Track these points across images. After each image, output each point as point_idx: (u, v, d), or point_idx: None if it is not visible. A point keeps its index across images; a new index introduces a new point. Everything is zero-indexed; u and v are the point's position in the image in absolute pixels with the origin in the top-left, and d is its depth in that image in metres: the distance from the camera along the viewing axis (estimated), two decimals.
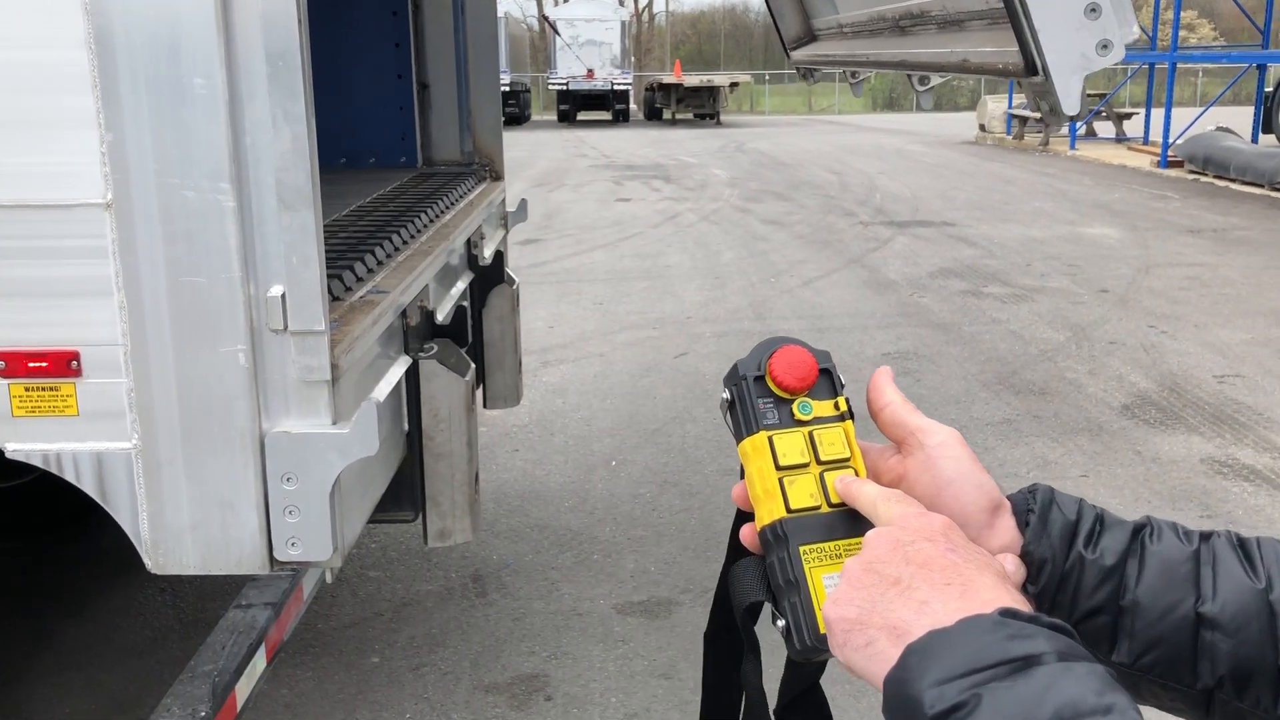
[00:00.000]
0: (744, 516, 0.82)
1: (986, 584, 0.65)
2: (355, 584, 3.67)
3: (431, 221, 3.02)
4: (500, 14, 30.02)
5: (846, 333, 6.85)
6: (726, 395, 0.83)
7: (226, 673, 1.99)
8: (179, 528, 1.75)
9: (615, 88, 31.73)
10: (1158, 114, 17.02)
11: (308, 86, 1.64)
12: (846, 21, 2.80)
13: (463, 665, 3.17)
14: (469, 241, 3.29)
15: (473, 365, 2.53)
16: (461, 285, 3.11)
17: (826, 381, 0.82)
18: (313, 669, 3.16)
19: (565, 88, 31.74)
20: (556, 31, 31.23)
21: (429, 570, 3.73)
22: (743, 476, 0.82)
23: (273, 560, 1.89)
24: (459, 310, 2.61)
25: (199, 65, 1.56)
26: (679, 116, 31.46)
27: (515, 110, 31.45)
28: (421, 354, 2.42)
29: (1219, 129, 15.86)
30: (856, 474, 0.79)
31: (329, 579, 2.06)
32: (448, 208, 3.25)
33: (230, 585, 2.48)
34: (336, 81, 4.01)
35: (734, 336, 6.79)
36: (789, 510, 0.77)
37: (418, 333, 2.43)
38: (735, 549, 0.83)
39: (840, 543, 0.76)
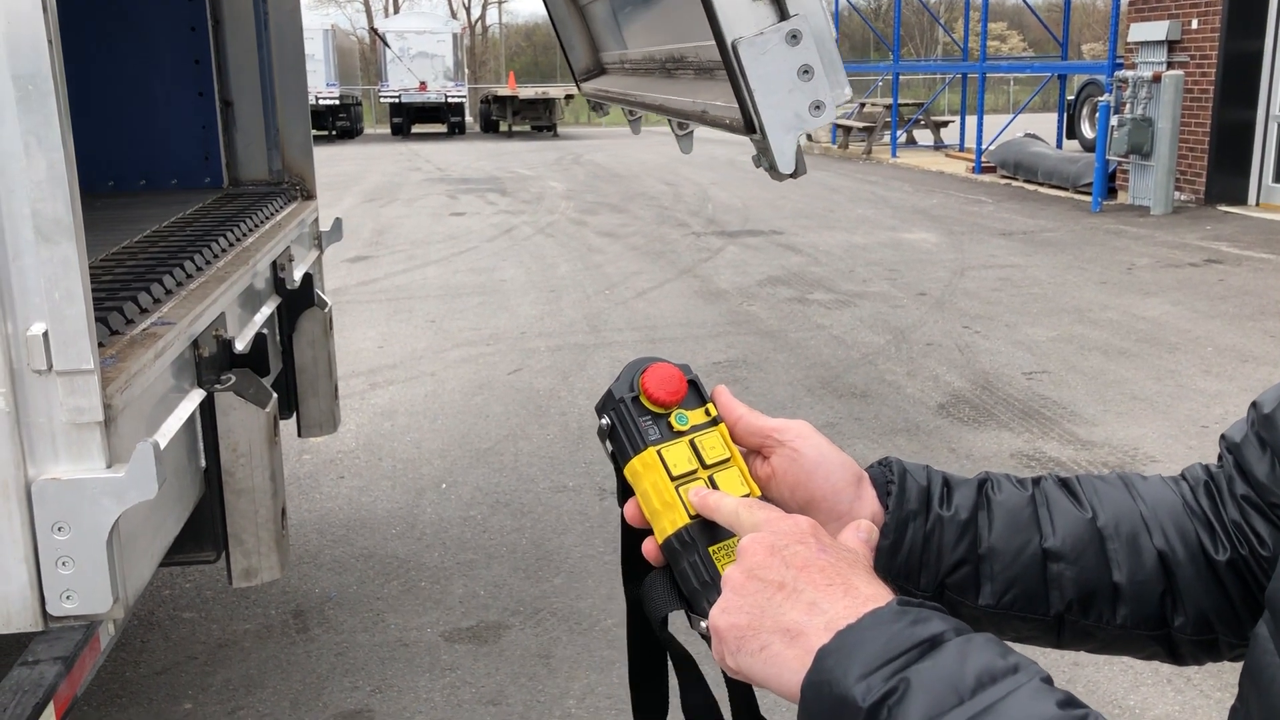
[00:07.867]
0: (633, 537, 0.84)
1: (862, 580, 0.68)
2: (168, 627, 3.50)
3: (232, 245, 2.90)
4: (328, 26, 29.41)
5: (679, 343, 6.92)
6: (606, 421, 0.84)
7: None
8: None
9: (449, 100, 31.36)
10: (972, 121, 17.83)
11: (63, 110, 1.55)
12: (628, 58, 2.80)
13: (282, 706, 3.05)
14: (275, 264, 3.18)
15: (274, 395, 2.43)
16: (267, 311, 3.00)
17: (694, 392, 0.86)
18: None
19: (398, 100, 31.20)
20: (386, 44, 30.70)
21: (247, 608, 3.58)
22: (625, 498, 0.84)
23: (46, 616, 1.78)
24: (259, 338, 2.50)
25: None
26: (515, 129, 31.32)
27: (346, 124, 30.74)
28: (217, 386, 2.32)
29: (1027, 135, 16.74)
30: (740, 471, 0.82)
31: (111, 631, 1.94)
32: (251, 229, 3.13)
33: (23, 640, 2.33)
34: (132, 100, 3.82)
35: (569, 350, 6.78)
36: (691, 516, 0.79)
37: (212, 364, 2.32)
38: (631, 566, 0.86)
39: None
